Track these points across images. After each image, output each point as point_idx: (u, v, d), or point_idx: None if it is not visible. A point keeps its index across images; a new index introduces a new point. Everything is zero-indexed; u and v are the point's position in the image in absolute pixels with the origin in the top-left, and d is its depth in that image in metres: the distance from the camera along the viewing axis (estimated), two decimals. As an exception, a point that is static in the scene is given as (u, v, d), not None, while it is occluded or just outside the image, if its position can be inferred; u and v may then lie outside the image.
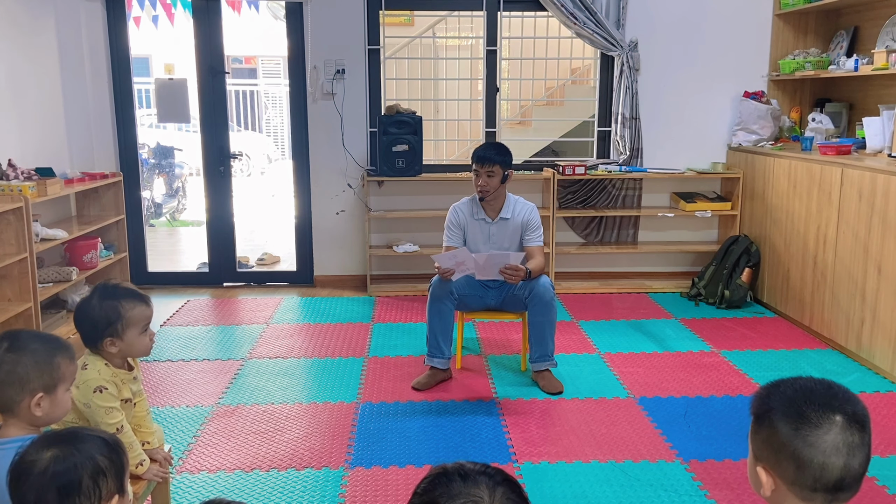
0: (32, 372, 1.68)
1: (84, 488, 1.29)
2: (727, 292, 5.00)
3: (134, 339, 2.14)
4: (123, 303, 2.13)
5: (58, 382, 1.72)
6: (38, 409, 1.68)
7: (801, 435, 1.22)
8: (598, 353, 4.19)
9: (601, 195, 5.54)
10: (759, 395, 1.33)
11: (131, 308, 2.13)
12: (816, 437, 1.22)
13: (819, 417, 1.23)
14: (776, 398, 1.28)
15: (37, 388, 1.68)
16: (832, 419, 1.22)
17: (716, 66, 5.43)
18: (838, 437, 1.22)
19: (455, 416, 3.41)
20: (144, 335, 2.17)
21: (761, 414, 1.30)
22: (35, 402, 1.67)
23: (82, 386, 2.08)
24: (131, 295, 2.16)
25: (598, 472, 2.91)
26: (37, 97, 4.69)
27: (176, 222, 9.03)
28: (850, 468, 1.22)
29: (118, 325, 2.11)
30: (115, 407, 2.11)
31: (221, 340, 4.47)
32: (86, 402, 2.08)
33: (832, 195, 4.19)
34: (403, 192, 5.50)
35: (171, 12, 7.24)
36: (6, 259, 3.84)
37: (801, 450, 1.22)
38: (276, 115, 12.93)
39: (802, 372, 3.94)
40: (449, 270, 3.50)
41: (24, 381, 1.67)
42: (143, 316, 2.16)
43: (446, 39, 7.29)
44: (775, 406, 1.27)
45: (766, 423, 1.28)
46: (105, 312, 2.11)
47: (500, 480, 1.08)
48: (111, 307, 2.11)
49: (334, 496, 2.75)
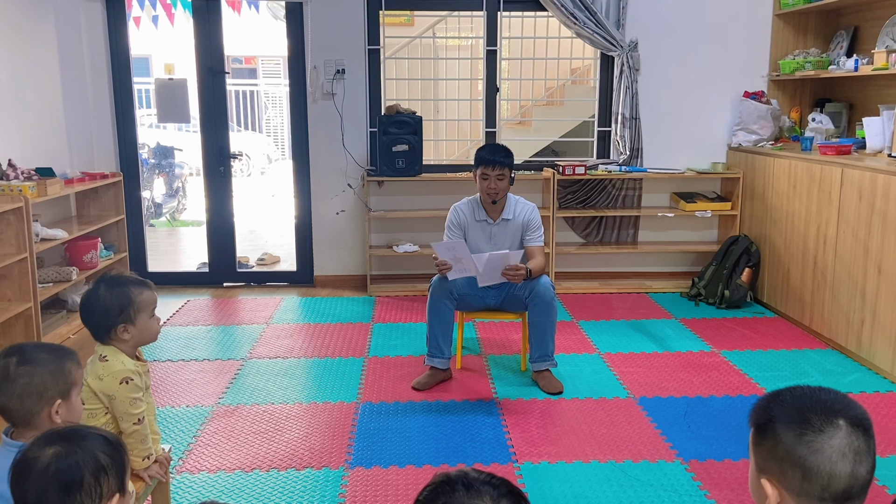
0: (49, 381, 1.70)
1: (86, 486, 1.29)
2: (727, 292, 5.00)
3: (145, 323, 2.19)
4: (132, 288, 2.18)
5: (71, 387, 1.75)
6: (57, 416, 1.71)
7: (806, 441, 1.19)
8: (598, 353, 4.19)
9: (601, 195, 5.54)
10: (758, 406, 1.30)
11: (140, 293, 2.18)
12: (822, 442, 1.19)
13: (823, 422, 1.20)
14: (777, 407, 1.25)
15: (54, 395, 1.71)
16: (836, 423, 1.20)
17: (716, 66, 5.43)
18: (843, 441, 1.19)
19: (455, 416, 3.41)
20: (153, 320, 2.22)
21: (763, 424, 1.26)
22: (55, 410, 1.70)
23: (107, 378, 2.10)
24: (136, 281, 2.22)
25: (598, 472, 2.91)
26: (37, 97, 4.69)
27: (176, 222, 9.03)
28: (857, 475, 1.20)
29: (130, 310, 2.15)
30: (139, 398, 2.15)
31: (221, 340, 4.47)
32: (111, 393, 2.10)
33: (832, 195, 4.19)
34: (403, 192, 5.50)
35: (171, 12, 7.24)
36: (6, 259, 3.84)
37: (806, 457, 1.19)
38: (276, 115, 12.93)
39: (803, 372, 3.96)
40: (446, 264, 3.49)
41: (42, 390, 1.69)
42: (151, 300, 2.22)
43: (446, 39, 7.28)
44: (777, 414, 1.24)
45: (768, 433, 1.24)
46: (117, 299, 2.15)
47: (505, 492, 1.06)
48: (121, 293, 2.15)
49: (334, 496, 2.75)
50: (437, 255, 3.50)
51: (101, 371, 2.11)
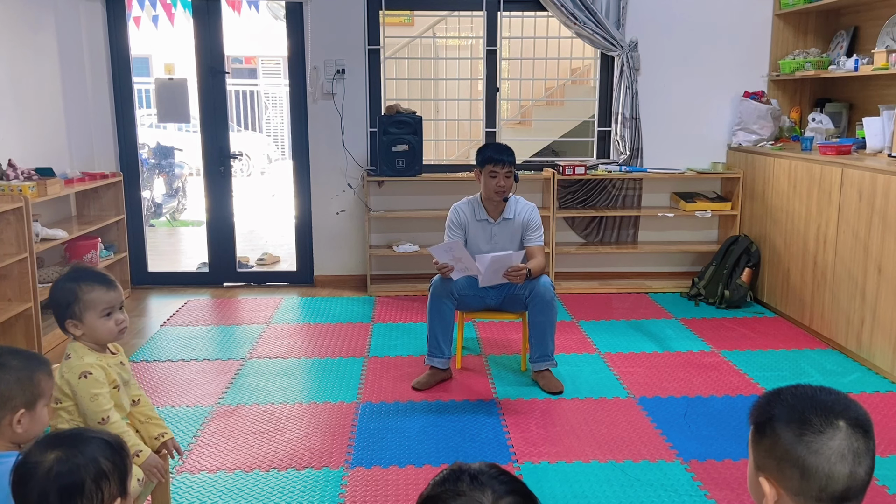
0: (14, 389, 1.66)
1: (87, 491, 1.29)
2: (727, 292, 5.00)
3: (94, 322, 2.12)
4: (82, 285, 2.11)
5: (38, 398, 1.70)
6: (18, 426, 1.66)
7: (805, 441, 1.19)
8: (598, 353, 4.19)
9: (601, 195, 5.54)
10: (758, 404, 1.30)
11: (89, 291, 2.11)
12: (821, 443, 1.19)
13: (822, 423, 1.20)
14: (778, 406, 1.25)
15: (18, 404, 1.66)
16: (836, 424, 1.20)
17: (716, 66, 5.43)
18: (843, 443, 1.19)
19: (455, 416, 3.41)
20: (108, 320, 2.14)
21: (762, 422, 1.27)
22: (16, 420, 1.66)
23: (68, 373, 2.08)
24: (92, 278, 2.15)
25: (598, 472, 2.91)
26: (37, 97, 4.69)
27: (176, 222, 9.03)
28: (855, 476, 1.20)
29: (75, 307, 2.10)
30: (101, 394, 2.08)
31: (221, 340, 4.47)
32: (73, 389, 2.08)
33: (832, 195, 4.19)
34: (403, 192, 5.50)
35: (171, 12, 7.25)
36: (6, 259, 3.84)
37: (805, 457, 1.19)
38: (276, 115, 12.92)
39: (803, 372, 3.95)
40: (447, 266, 3.49)
41: (6, 398, 1.65)
42: (102, 300, 2.12)
43: (446, 39, 7.28)
44: (777, 413, 1.24)
45: (768, 432, 1.25)
46: (63, 294, 2.11)
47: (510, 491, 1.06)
48: (69, 289, 2.11)
49: (334, 496, 2.75)
50: (437, 260, 3.50)
51: (64, 368, 2.11)
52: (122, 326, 2.18)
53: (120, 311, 2.18)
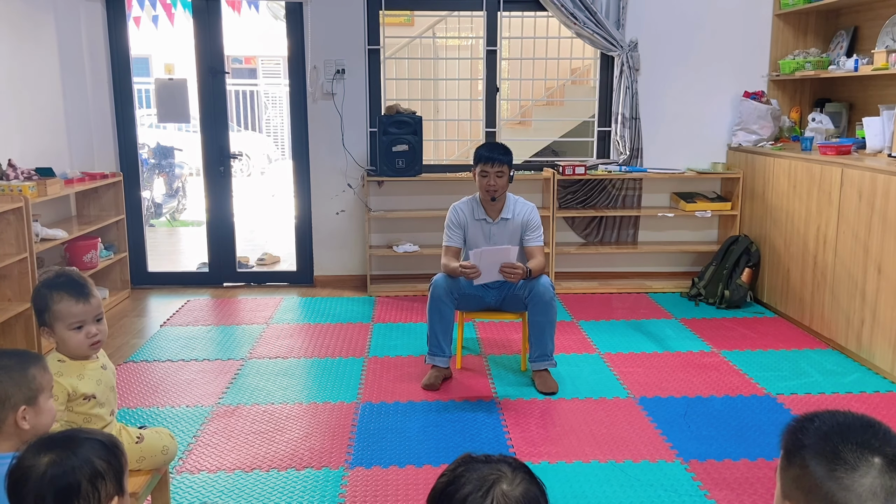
0: (10, 388, 1.66)
1: (83, 492, 1.29)
2: (727, 292, 5.00)
3: (63, 333, 2.02)
4: (53, 294, 2.02)
5: (37, 393, 1.71)
6: (24, 422, 1.67)
7: (836, 477, 1.13)
8: (598, 353, 4.19)
9: (601, 195, 5.54)
10: (791, 429, 1.23)
11: (58, 300, 2.01)
12: (852, 480, 1.12)
13: (856, 459, 1.13)
14: (810, 434, 1.19)
15: (18, 402, 1.67)
16: (870, 461, 1.13)
17: (716, 66, 5.43)
18: (876, 481, 1.12)
19: (455, 416, 3.41)
20: (77, 333, 2.03)
21: (792, 450, 1.20)
22: (20, 416, 1.67)
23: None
24: (65, 286, 2.04)
25: (598, 472, 2.91)
26: (37, 97, 4.69)
27: (176, 222, 9.03)
28: None
29: (45, 315, 2.02)
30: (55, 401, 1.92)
31: (221, 340, 4.47)
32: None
33: (832, 195, 4.19)
34: (403, 192, 5.50)
35: (171, 12, 7.24)
36: (6, 259, 3.84)
37: (835, 493, 1.12)
38: (276, 115, 12.93)
39: (803, 372, 3.96)
40: (476, 271, 3.47)
41: (4, 398, 1.66)
42: (69, 312, 2.01)
43: (446, 39, 7.28)
44: (809, 443, 1.17)
45: (797, 461, 1.18)
46: (37, 300, 2.04)
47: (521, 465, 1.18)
48: (43, 295, 2.03)
49: (334, 496, 2.75)
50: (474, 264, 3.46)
51: None
52: (93, 340, 2.06)
53: (96, 323, 2.07)
